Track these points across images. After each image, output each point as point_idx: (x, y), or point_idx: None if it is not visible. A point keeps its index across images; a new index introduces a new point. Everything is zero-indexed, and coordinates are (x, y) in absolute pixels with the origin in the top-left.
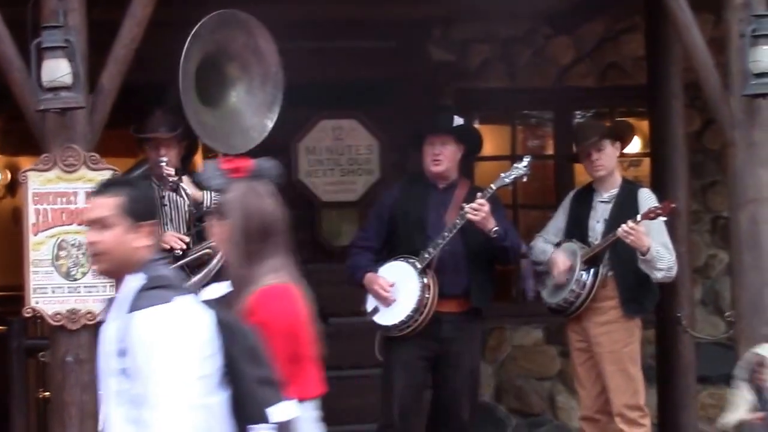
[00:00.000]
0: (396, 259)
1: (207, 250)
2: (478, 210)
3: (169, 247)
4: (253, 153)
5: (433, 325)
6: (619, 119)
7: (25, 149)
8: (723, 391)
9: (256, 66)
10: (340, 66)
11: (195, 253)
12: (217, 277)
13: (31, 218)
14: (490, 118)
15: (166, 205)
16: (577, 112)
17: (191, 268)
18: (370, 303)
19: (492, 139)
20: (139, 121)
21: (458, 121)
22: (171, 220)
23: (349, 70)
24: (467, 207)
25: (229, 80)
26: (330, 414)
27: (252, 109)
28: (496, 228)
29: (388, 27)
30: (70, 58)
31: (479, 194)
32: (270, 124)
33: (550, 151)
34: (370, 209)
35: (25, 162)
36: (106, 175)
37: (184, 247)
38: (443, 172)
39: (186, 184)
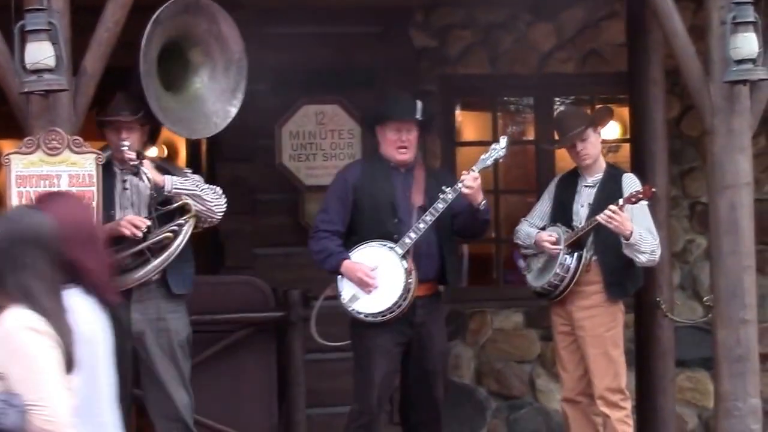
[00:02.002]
0: (370, 244)
1: (168, 234)
2: (473, 183)
3: (127, 231)
4: (238, 136)
5: (408, 310)
6: (599, 106)
7: (8, 132)
8: (700, 375)
9: (219, 52)
10: (323, 51)
11: (156, 237)
12: (175, 261)
13: (14, 201)
14: (472, 104)
15: (127, 189)
16: (558, 99)
17: (152, 251)
18: (347, 290)
19: (473, 125)
20: (101, 105)
21: (419, 107)
22: (132, 204)
23: (332, 55)
24: (464, 183)
25: (193, 66)
26: (311, 396)
27: (215, 95)
28: (485, 200)
29: (371, 12)
30: (54, 41)
31: (464, 172)
32: (233, 111)
33: (530, 137)
34: (330, 190)
35: (7, 145)
36: (89, 158)
37: (144, 230)
38: (409, 159)
39: (147, 167)
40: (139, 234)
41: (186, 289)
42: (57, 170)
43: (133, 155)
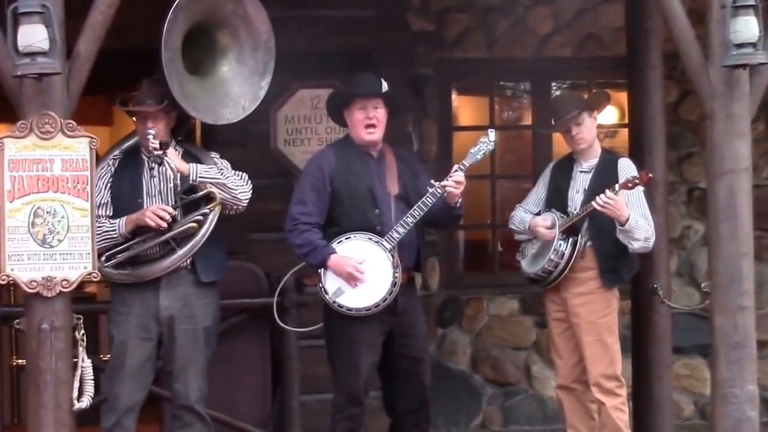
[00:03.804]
0: (355, 237)
1: (192, 224)
2: (461, 183)
3: (152, 222)
4: (233, 123)
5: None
6: (595, 90)
7: (0, 116)
8: (697, 362)
9: (246, 33)
10: (319, 35)
11: (181, 227)
12: (204, 248)
13: (6, 185)
14: (468, 88)
15: (155, 176)
16: (555, 83)
17: (177, 241)
18: (331, 283)
19: (470, 110)
20: (121, 91)
21: (384, 85)
22: (160, 192)
23: (328, 39)
24: (451, 182)
25: (220, 48)
26: (305, 382)
27: (243, 78)
28: (460, 199)
29: None
30: (47, 24)
31: (456, 166)
32: (263, 93)
33: (527, 122)
34: (304, 178)
35: (0, 129)
36: (82, 142)
37: (170, 220)
38: (378, 140)
39: (172, 156)
40: (164, 225)
41: (215, 276)
42: (50, 154)
43: (156, 144)
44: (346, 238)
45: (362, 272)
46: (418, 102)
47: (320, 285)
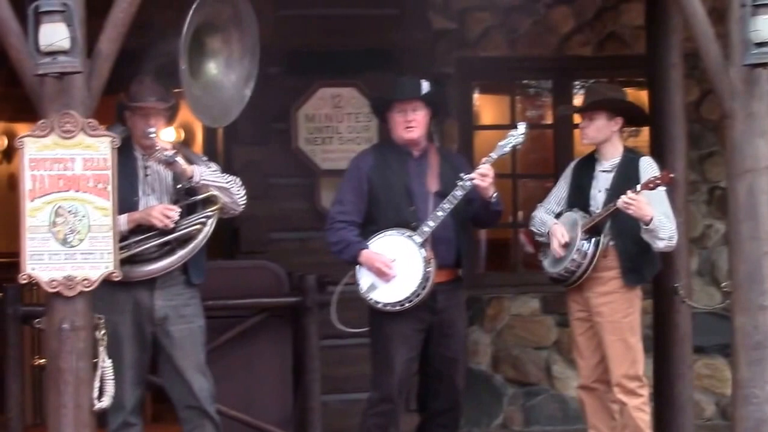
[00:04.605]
0: (388, 233)
1: (196, 226)
2: (486, 176)
3: (159, 222)
4: (254, 120)
5: (428, 297)
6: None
7: (21, 115)
8: (718, 362)
9: (237, 39)
10: (341, 34)
11: (184, 228)
12: (203, 251)
13: (27, 184)
14: (490, 87)
15: (149, 175)
16: (576, 82)
17: (178, 242)
18: (365, 279)
19: (491, 109)
20: (125, 88)
21: (425, 85)
22: (153, 190)
23: (349, 37)
24: (476, 174)
25: (209, 52)
26: (326, 382)
27: (231, 83)
28: (496, 193)
29: None
30: (68, 22)
31: (483, 159)
32: (245, 100)
33: (549, 121)
34: (344, 180)
35: (21, 128)
36: (103, 141)
37: (172, 224)
38: (417, 138)
39: (180, 158)
40: (171, 225)
41: (203, 278)
42: (71, 153)
43: (168, 146)
44: (380, 235)
45: (392, 267)
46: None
47: (356, 281)
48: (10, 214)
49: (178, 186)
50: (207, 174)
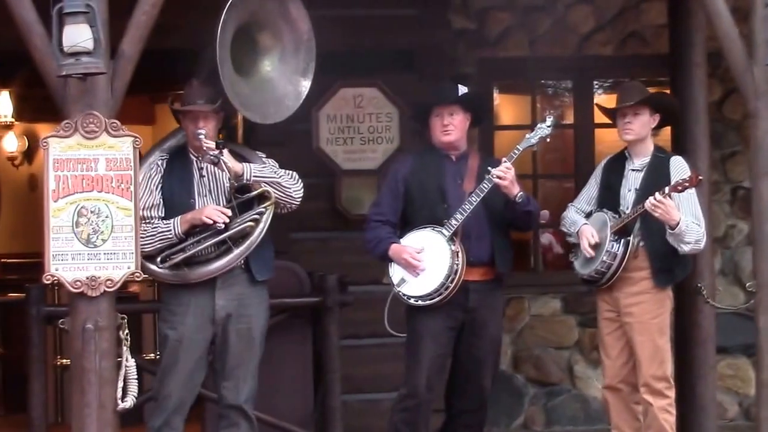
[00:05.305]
0: (420, 229)
1: (249, 223)
2: (505, 174)
3: (211, 221)
4: (276, 122)
5: (460, 295)
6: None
7: (41, 116)
8: (741, 362)
9: (288, 34)
10: (361, 34)
11: (237, 226)
12: (259, 245)
13: (51, 185)
14: (510, 87)
15: (204, 176)
16: (597, 81)
17: (233, 240)
18: (396, 274)
19: (512, 108)
20: (164, 90)
21: (463, 89)
22: (210, 191)
23: (369, 38)
24: (494, 171)
25: (262, 49)
26: (347, 382)
27: (286, 78)
28: (521, 192)
29: None
30: (91, 24)
31: (504, 158)
32: (304, 92)
33: (569, 121)
34: (382, 182)
35: (42, 129)
36: (126, 141)
37: (227, 221)
38: (455, 141)
39: (227, 157)
40: (222, 223)
41: (268, 274)
42: (94, 154)
43: (212, 145)
44: (413, 231)
45: (419, 259)
46: None
47: (388, 276)
48: (30, 215)
49: (227, 185)
50: (257, 170)
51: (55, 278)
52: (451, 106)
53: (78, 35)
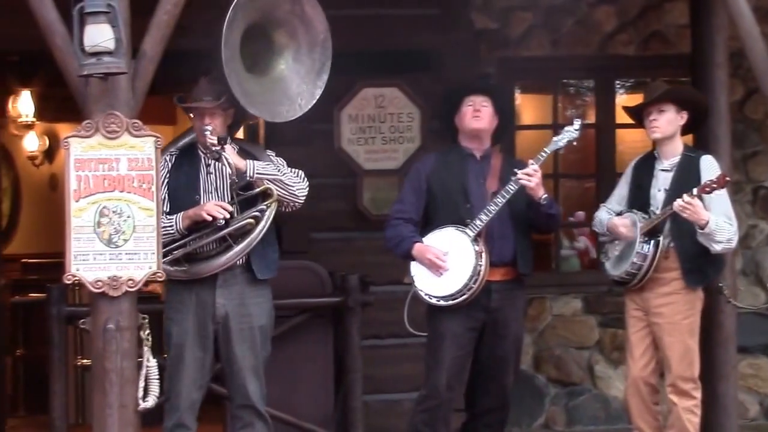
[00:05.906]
0: (443, 228)
1: (250, 220)
2: (532, 176)
3: (210, 217)
4: (296, 120)
5: (482, 295)
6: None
7: (63, 116)
8: (762, 361)
9: (304, 33)
10: (383, 34)
11: (238, 223)
12: (259, 245)
13: (72, 185)
14: (532, 86)
15: (212, 173)
16: (619, 81)
17: (234, 237)
18: (418, 274)
19: (533, 108)
20: (184, 90)
21: (490, 81)
22: (216, 188)
23: (391, 37)
24: (520, 173)
25: (277, 47)
26: (368, 382)
27: (300, 77)
28: (546, 195)
29: None
30: (113, 24)
31: (531, 161)
32: (318, 92)
33: (591, 120)
34: (405, 181)
35: (62, 128)
36: (148, 141)
37: (227, 216)
38: (483, 129)
39: (229, 153)
40: (221, 220)
41: (270, 273)
42: (116, 154)
43: (214, 140)
44: (436, 230)
45: (444, 260)
46: None
47: (410, 276)
48: (51, 214)
49: (232, 180)
50: (260, 167)
51: (77, 278)
52: (484, 96)
53: (99, 35)
